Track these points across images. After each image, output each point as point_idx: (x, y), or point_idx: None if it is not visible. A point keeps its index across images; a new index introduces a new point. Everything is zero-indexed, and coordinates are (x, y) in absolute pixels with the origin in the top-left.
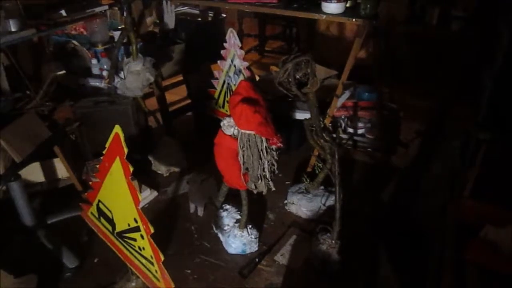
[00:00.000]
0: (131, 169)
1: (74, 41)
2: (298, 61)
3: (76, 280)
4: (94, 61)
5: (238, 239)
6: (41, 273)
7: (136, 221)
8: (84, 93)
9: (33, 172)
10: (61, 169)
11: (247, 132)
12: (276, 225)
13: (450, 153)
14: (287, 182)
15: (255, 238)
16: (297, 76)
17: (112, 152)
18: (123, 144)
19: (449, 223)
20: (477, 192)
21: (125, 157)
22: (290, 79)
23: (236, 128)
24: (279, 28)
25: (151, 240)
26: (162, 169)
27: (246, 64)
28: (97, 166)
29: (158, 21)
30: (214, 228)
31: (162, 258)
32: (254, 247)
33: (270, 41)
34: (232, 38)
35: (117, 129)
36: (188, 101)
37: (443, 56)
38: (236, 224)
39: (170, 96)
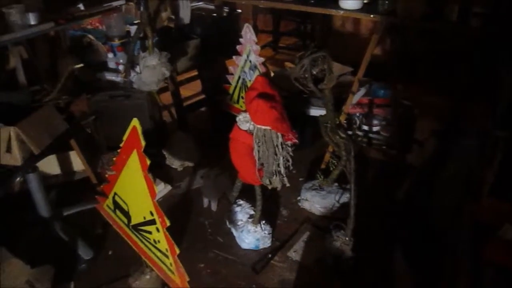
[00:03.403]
0: (148, 162)
1: (90, 35)
2: (315, 57)
3: (91, 272)
4: (110, 55)
5: (251, 235)
6: (57, 264)
7: (152, 214)
8: (100, 87)
9: (50, 165)
10: (77, 162)
11: (263, 127)
12: (289, 221)
13: (467, 151)
14: (300, 179)
15: (268, 233)
16: (314, 72)
17: (130, 145)
18: (141, 137)
19: (467, 222)
20: (495, 191)
21: (142, 150)
22: (306, 75)
23: (252, 123)
24: (293, 25)
25: (167, 233)
26: (176, 164)
27: (262, 59)
28: (114, 159)
29: (173, 16)
30: (227, 223)
31: (178, 252)
32: (267, 243)
33: (284, 37)
34: (248, 33)
35: (135, 122)
36: (202, 96)
37: (461, 53)
38: (250, 220)
39: (185, 91)
